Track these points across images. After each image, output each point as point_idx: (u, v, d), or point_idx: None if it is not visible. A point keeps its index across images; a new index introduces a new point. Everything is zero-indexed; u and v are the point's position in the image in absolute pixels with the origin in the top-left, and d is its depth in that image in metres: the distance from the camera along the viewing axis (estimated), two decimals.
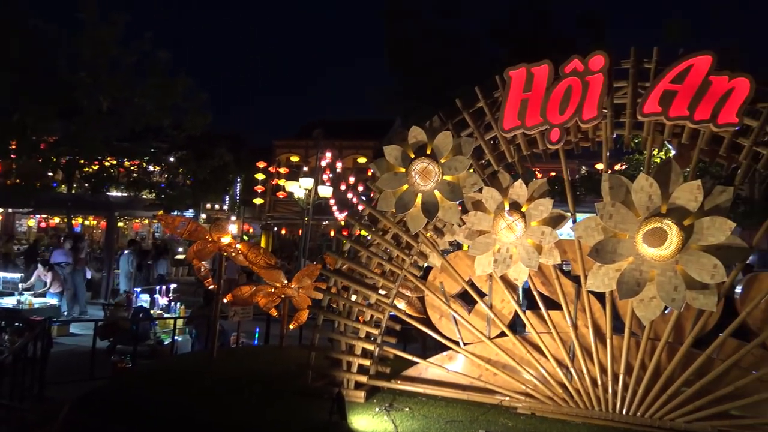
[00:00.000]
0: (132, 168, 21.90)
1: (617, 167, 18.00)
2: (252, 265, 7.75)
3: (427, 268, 6.60)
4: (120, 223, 27.99)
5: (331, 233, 28.26)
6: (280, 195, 24.92)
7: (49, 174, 21.12)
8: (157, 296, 11.73)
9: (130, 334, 9.80)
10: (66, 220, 21.22)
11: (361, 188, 22.94)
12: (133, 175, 21.76)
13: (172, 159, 22.59)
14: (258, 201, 27.27)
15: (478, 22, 38.96)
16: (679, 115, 5.22)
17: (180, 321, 10.74)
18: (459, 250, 6.58)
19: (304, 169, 23.97)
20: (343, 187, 23.74)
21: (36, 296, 12.47)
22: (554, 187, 13.87)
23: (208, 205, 30.86)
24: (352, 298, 6.34)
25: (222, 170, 25.10)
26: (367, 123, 32.03)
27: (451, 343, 6.27)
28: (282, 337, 8.46)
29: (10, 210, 27.32)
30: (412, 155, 5.97)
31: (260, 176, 24.95)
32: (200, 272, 7.99)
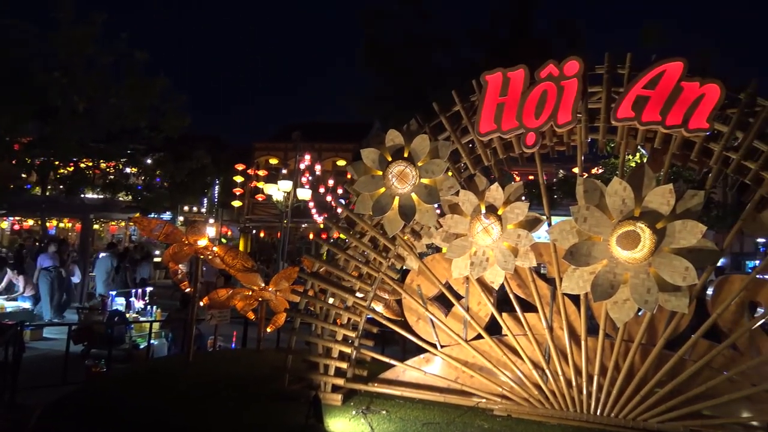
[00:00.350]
0: (108, 170, 21.64)
1: (594, 171, 18.22)
2: (229, 268, 7.71)
3: (405, 271, 6.62)
4: (96, 226, 27.62)
5: (310, 236, 28.16)
6: (259, 197, 24.76)
7: (23, 175, 20.80)
8: (132, 299, 11.59)
9: (105, 338, 9.67)
10: (40, 223, 20.91)
11: (341, 191, 22.92)
12: (109, 177, 21.51)
13: (149, 161, 22.37)
14: (236, 203, 27.05)
15: (458, 27, 39.15)
16: (651, 120, 5.30)
17: (156, 324, 10.62)
18: (436, 253, 6.61)
19: (283, 171, 23.90)
20: (322, 190, 23.68)
21: (8, 300, 12.26)
22: (532, 191, 14.02)
23: (186, 208, 30.59)
24: (330, 301, 6.33)
25: (200, 172, 24.90)
26: (346, 126, 32.04)
27: (429, 346, 6.29)
28: (259, 340, 8.42)
29: None
30: (390, 158, 5.99)
31: (239, 178, 24.75)
32: (176, 275, 7.93)
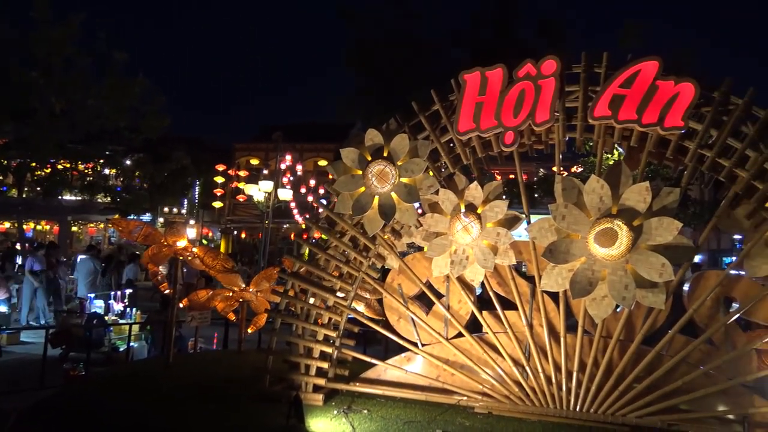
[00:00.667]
0: (86, 171, 21.41)
1: (574, 170, 18.39)
2: (209, 269, 7.66)
3: (386, 270, 6.63)
4: (74, 228, 27.31)
5: (292, 236, 28.06)
6: (240, 198, 24.63)
7: None
8: (112, 302, 11.47)
9: (84, 341, 9.56)
10: (17, 225, 20.61)
11: (322, 191, 22.88)
12: (88, 179, 21.28)
13: (128, 162, 22.20)
14: (217, 204, 26.88)
15: (441, 28, 39.23)
16: (627, 119, 5.36)
17: (136, 327, 10.52)
18: (417, 252, 6.62)
19: (264, 172, 23.81)
20: (304, 190, 23.62)
21: None
22: (512, 190, 14.09)
23: (166, 209, 30.35)
24: (310, 301, 6.32)
25: (180, 173, 24.77)
26: (327, 126, 31.97)
27: (410, 345, 6.31)
28: (240, 341, 8.38)
29: None
30: (369, 158, 5.99)
31: (219, 179, 24.60)
32: (156, 277, 7.86)
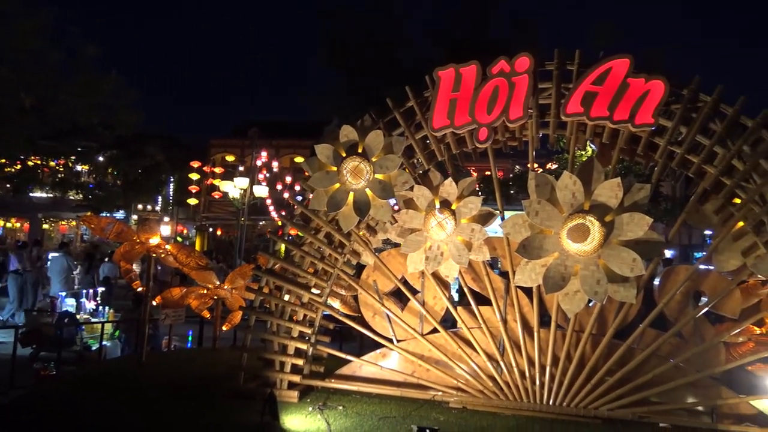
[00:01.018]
0: (58, 168, 21.04)
1: (548, 167, 18.52)
2: (183, 266, 7.59)
3: (361, 267, 6.63)
4: (45, 226, 26.85)
5: (268, 233, 27.89)
6: (215, 195, 24.47)
7: None
8: (83, 300, 11.29)
9: (55, 340, 9.39)
10: None
11: (298, 188, 22.78)
12: (59, 176, 20.91)
13: (101, 158, 21.86)
14: (192, 201, 26.62)
15: (419, 25, 39.27)
16: (599, 116, 5.43)
17: (109, 325, 10.37)
18: (392, 248, 6.62)
19: (240, 168, 23.60)
20: (280, 187, 23.49)
21: None
22: (488, 187, 14.15)
23: (140, 206, 29.98)
24: (285, 297, 6.30)
25: (154, 170, 24.45)
26: (304, 123, 31.77)
27: (385, 341, 6.32)
28: (215, 339, 8.32)
29: None
30: (344, 154, 5.98)
31: (194, 176, 24.36)
32: (129, 274, 7.77)
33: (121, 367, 7.54)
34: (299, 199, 7.78)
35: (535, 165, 6.11)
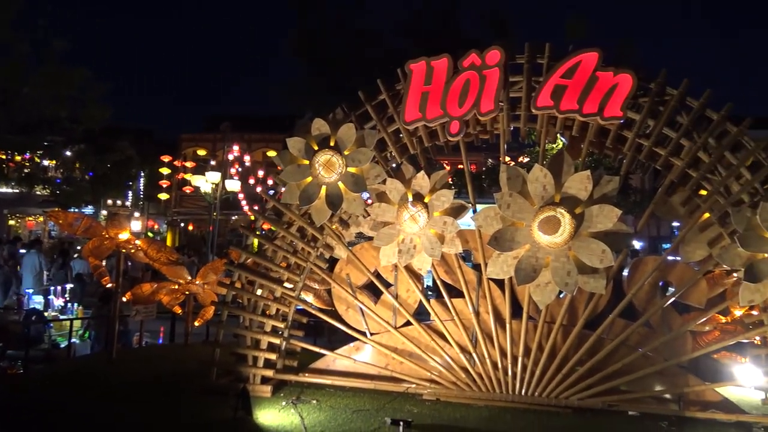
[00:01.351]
0: (24, 162, 20.61)
1: (520, 160, 18.66)
2: (153, 261, 7.49)
3: (334, 260, 6.61)
4: (11, 222, 26.24)
5: (241, 228, 27.64)
6: (187, 190, 24.11)
7: None
8: (51, 297, 11.08)
9: (22, 338, 9.20)
10: None
11: (271, 182, 22.63)
12: (25, 170, 20.48)
13: (68, 153, 21.44)
14: (163, 196, 26.21)
15: (390, 20, 39.22)
16: (569, 109, 5.49)
17: (78, 323, 10.19)
18: (365, 242, 6.62)
19: (212, 163, 23.32)
20: (252, 181, 23.29)
21: None
22: (461, 180, 14.19)
23: (110, 202, 29.47)
24: (258, 292, 6.26)
25: (124, 165, 24.07)
26: (276, 117, 31.48)
27: (358, 334, 6.32)
28: (187, 334, 8.23)
29: None
30: (316, 147, 5.95)
31: (165, 170, 23.99)
32: (97, 270, 7.64)
33: (90, 365, 7.42)
34: (271, 193, 7.73)
35: (507, 158, 6.15)
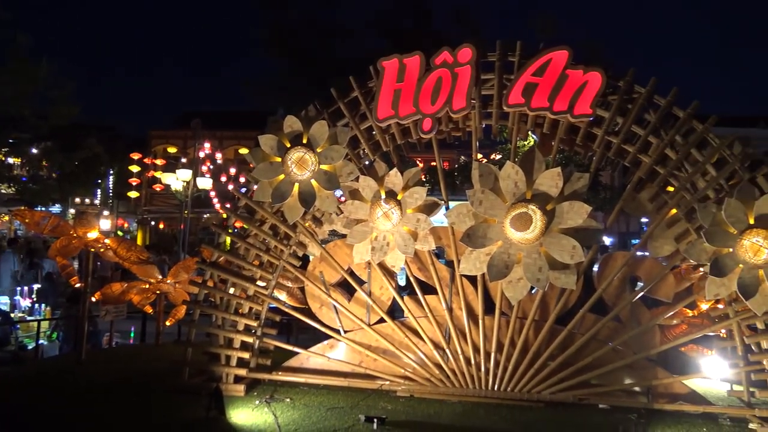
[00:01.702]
0: None
1: (493, 157, 18.80)
2: (123, 260, 7.38)
3: (307, 258, 6.59)
4: None
5: (213, 226, 27.36)
6: (157, 188, 23.78)
7: None
8: (18, 298, 10.85)
9: None
10: None
11: (243, 180, 22.43)
12: None
13: (34, 150, 20.98)
14: (133, 194, 25.81)
15: (363, 16, 39.17)
16: (540, 107, 5.55)
17: (45, 324, 9.99)
18: (338, 239, 6.61)
19: (183, 160, 23.01)
20: (224, 179, 23.05)
21: None
22: (433, 177, 14.24)
23: (78, 200, 28.94)
24: (230, 290, 6.20)
25: (92, 162, 23.65)
26: (247, 114, 31.21)
27: (332, 332, 6.31)
28: (158, 334, 8.14)
29: None
30: (288, 144, 5.92)
31: (135, 168, 23.62)
32: (65, 270, 7.50)
33: (59, 366, 7.28)
34: (244, 190, 7.67)
35: (479, 155, 6.18)
